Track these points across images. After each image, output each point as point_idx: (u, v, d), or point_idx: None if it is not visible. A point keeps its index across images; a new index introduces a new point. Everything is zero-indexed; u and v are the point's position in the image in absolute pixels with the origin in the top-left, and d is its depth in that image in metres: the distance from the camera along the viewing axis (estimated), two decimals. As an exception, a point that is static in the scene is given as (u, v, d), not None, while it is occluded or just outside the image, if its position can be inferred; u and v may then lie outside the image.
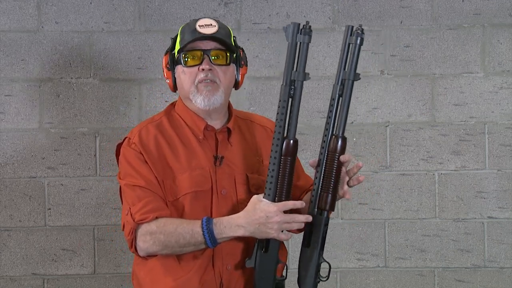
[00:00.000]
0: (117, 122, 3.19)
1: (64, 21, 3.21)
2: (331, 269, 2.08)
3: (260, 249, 2.00)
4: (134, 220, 2.01)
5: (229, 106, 2.17)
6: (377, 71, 3.26)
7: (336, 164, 2.00)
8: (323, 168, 2.01)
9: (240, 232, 1.96)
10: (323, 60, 3.25)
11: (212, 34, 2.05)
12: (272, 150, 1.97)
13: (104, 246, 3.21)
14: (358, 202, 3.27)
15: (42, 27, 3.20)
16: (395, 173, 3.27)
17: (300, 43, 1.96)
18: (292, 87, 1.97)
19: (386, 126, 3.26)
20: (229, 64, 2.09)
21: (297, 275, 2.10)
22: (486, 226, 3.27)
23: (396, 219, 3.28)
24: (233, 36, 2.13)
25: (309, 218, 1.98)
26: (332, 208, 2.02)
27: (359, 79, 2.03)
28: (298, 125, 3.24)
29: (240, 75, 2.14)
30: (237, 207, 2.02)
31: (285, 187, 1.96)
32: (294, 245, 3.27)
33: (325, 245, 2.09)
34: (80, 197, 3.21)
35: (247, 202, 2.00)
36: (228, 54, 2.08)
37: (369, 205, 3.26)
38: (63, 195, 3.21)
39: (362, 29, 1.99)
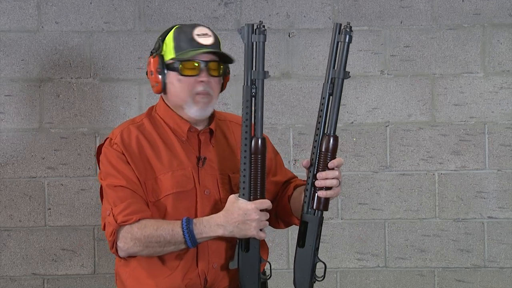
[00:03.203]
0: (117, 122, 3.19)
1: (64, 21, 3.21)
2: (331, 269, 2.08)
3: (242, 250, 2.02)
4: (116, 222, 2.01)
5: None
6: (377, 71, 3.26)
7: (322, 164, 2.00)
8: (316, 168, 2.01)
9: (219, 232, 1.97)
10: (323, 60, 3.25)
11: (209, 45, 2.07)
12: (241, 150, 1.99)
13: (104, 246, 3.21)
14: (358, 202, 3.27)
15: (42, 27, 3.21)
16: (395, 173, 3.27)
17: (256, 42, 1.98)
18: (254, 86, 1.97)
19: (386, 126, 3.26)
20: (221, 76, 2.11)
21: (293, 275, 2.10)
22: (486, 226, 3.27)
23: (396, 219, 3.28)
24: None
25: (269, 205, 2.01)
26: (325, 208, 2.02)
27: (349, 77, 2.03)
28: (298, 125, 3.26)
29: (224, 83, 2.17)
30: (221, 207, 2.03)
31: (259, 185, 1.98)
32: (294, 245, 3.27)
33: (326, 245, 2.09)
34: (80, 197, 3.21)
35: None
36: (221, 66, 2.10)
37: (369, 205, 3.26)
38: (63, 195, 3.21)
39: (351, 27, 2.00)
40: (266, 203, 1.99)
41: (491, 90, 3.26)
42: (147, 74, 2.13)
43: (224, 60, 2.10)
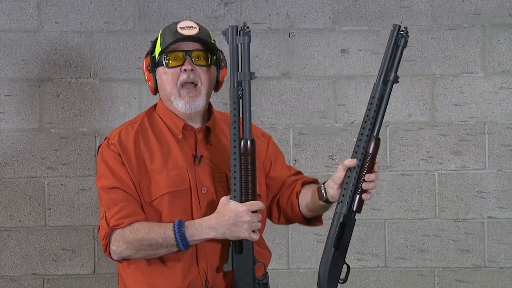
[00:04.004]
0: (117, 122, 3.19)
1: (64, 21, 3.21)
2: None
3: (235, 252, 2.01)
4: (108, 225, 2.02)
5: (210, 106, 2.18)
6: (377, 71, 3.24)
7: (368, 166, 1.99)
8: (361, 170, 1.99)
9: (211, 234, 1.98)
10: (323, 60, 3.25)
11: (193, 35, 2.07)
12: (230, 152, 1.99)
13: (104, 246, 3.21)
14: (358, 202, 3.27)
15: (42, 27, 3.21)
16: (395, 173, 3.27)
17: (241, 44, 1.98)
18: (240, 88, 1.97)
19: (386, 126, 3.26)
20: (210, 65, 2.10)
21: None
22: (486, 226, 3.27)
23: (396, 219, 3.28)
24: (213, 39, 2.15)
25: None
26: (359, 210, 2.01)
27: (398, 82, 2.02)
28: (298, 125, 3.26)
29: (220, 77, 2.15)
30: (218, 205, 2.03)
31: (250, 186, 1.98)
32: (294, 245, 3.27)
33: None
34: (80, 197, 3.21)
35: None
36: (209, 55, 2.09)
37: (369, 205, 3.26)
38: (63, 195, 3.21)
39: (407, 31, 1.97)
40: (257, 204, 1.98)
41: (491, 90, 3.26)
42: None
43: (210, 50, 2.09)
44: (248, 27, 1.98)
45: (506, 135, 3.26)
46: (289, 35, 3.25)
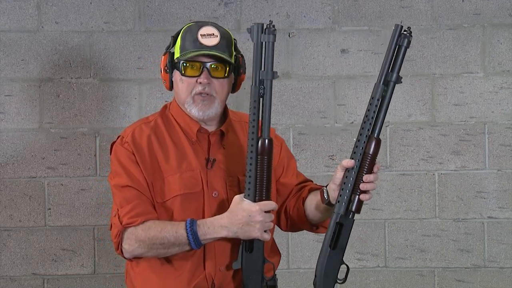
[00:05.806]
0: (117, 122, 3.19)
1: (64, 21, 3.21)
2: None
3: (245, 250, 2.01)
4: (121, 224, 2.02)
5: (225, 109, 2.17)
6: (377, 71, 3.23)
7: (367, 166, 1.98)
8: (360, 170, 1.98)
9: (223, 233, 1.97)
10: (323, 60, 3.25)
11: (213, 46, 2.05)
12: (248, 151, 1.98)
13: (104, 246, 3.21)
14: (358, 202, 3.27)
15: (42, 27, 3.21)
16: (395, 173, 3.27)
17: (265, 42, 1.96)
18: (262, 86, 1.97)
19: (386, 126, 3.26)
20: (227, 76, 2.09)
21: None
22: (486, 226, 3.27)
23: (396, 219, 3.28)
24: (234, 40, 2.12)
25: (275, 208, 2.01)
26: (358, 210, 2.01)
27: (401, 82, 2.01)
28: (298, 125, 3.26)
29: (238, 82, 2.15)
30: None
31: (264, 186, 1.97)
32: (294, 245, 3.27)
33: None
34: (80, 197, 3.21)
35: None
36: (227, 67, 2.08)
37: (369, 205, 3.26)
38: (63, 195, 3.21)
39: (411, 32, 1.97)
40: (271, 204, 1.98)
41: (491, 90, 3.26)
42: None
43: (229, 62, 2.07)
44: (273, 26, 1.97)
45: (506, 135, 3.26)
46: (289, 35, 3.25)
